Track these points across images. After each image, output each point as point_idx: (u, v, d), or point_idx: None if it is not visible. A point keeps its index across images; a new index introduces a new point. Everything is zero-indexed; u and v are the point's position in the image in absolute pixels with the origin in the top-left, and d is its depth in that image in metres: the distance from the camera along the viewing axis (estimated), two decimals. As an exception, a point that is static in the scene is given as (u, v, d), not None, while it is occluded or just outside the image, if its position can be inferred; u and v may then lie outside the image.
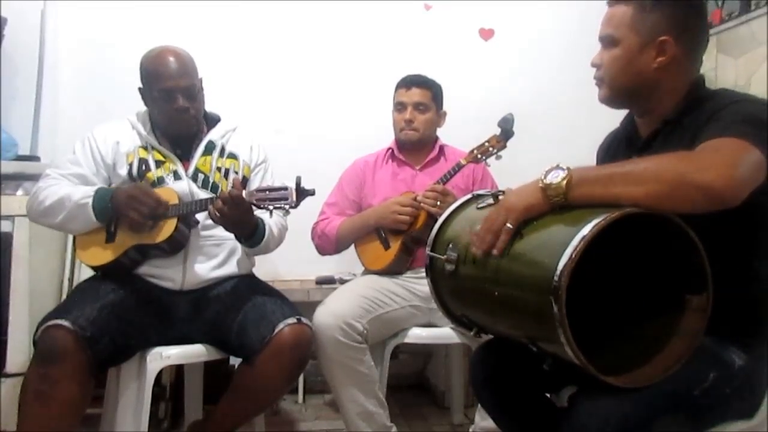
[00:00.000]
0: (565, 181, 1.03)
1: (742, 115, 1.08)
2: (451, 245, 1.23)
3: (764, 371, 1.15)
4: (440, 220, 1.32)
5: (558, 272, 0.93)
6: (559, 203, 1.05)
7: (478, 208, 1.26)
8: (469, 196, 1.35)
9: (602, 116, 1.45)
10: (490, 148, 2.01)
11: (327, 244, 2.20)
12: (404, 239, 2.05)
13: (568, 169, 1.05)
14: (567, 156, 1.31)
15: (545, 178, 1.06)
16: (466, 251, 1.17)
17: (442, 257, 1.24)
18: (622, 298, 1.18)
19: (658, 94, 1.23)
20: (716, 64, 2.54)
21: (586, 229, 0.94)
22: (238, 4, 2.68)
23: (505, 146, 2.00)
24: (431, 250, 1.30)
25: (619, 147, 1.38)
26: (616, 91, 1.27)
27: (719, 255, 1.02)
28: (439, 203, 1.94)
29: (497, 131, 2.01)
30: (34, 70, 2.46)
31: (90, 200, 1.69)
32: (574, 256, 0.93)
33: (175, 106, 1.77)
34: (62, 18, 2.55)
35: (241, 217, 1.67)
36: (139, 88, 1.84)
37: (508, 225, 1.08)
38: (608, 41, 1.25)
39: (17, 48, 2.41)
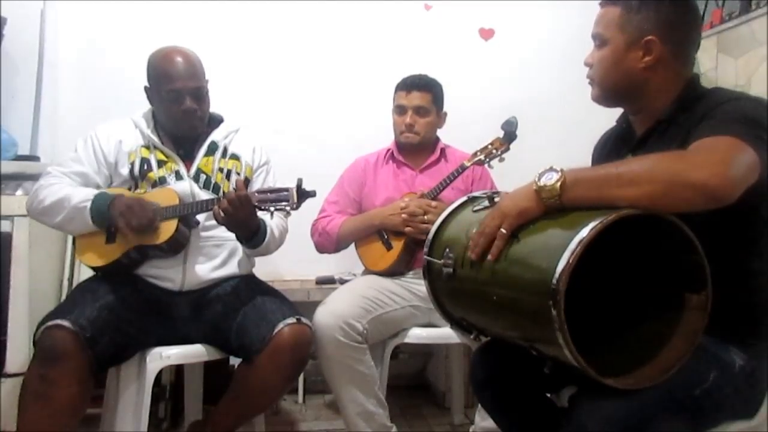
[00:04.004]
0: (559, 183, 1.03)
1: (736, 113, 1.08)
2: (448, 249, 1.23)
3: (765, 371, 1.15)
4: (436, 223, 1.32)
5: (556, 276, 0.93)
6: (554, 205, 1.05)
7: (473, 211, 1.26)
8: (464, 198, 1.35)
9: (602, 116, 1.46)
10: (494, 151, 2.01)
11: (327, 242, 2.20)
12: (407, 240, 2.05)
13: (562, 170, 1.05)
14: (567, 156, 1.31)
15: (539, 180, 1.06)
16: (464, 255, 1.17)
17: (440, 261, 1.23)
18: (621, 298, 1.18)
19: (648, 93, 1.24)
20: (716, 63, 2.54)
21: (584, 233, 0.94)
22: (238, 5, 2.68)
23: (508, 149, 2.00)
24: (428, 255, 1.30)
25: (614, 145, 1.38)
26: (606, 91, 1.28)
27: (717, 255, 1.02)
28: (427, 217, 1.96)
29: (498, 132, 2.01)
30: (34, 70, 2.46)
31: (88, 204, 1.69)
32: (571, 261, 0.93)
33: (182, 108, 1.77)
34: (62, 18, 2.55)
35: (245, 217, 1.67)
36: (145, 87, 1.84)
37: (503, 230, 1.08)
38: (598, 41, 1.27)
39: (17, 48, 2.41)
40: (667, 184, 0.97)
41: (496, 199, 1.21)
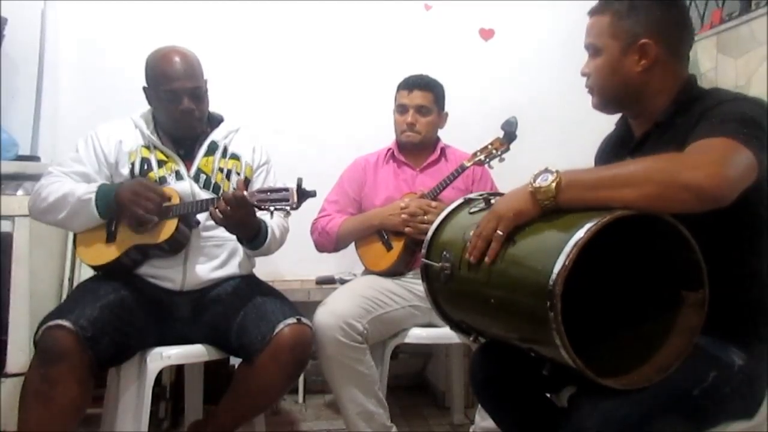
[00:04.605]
0: (554, 184, 1.03)
1: (732, 114, 1.08)
2: (445, 252, 1.23)
3: (764, 371, 1.15)
4: (433, 226, 1.32)
5: (552, 278, 0.93)
6: (549, 207, 1.05)
7: (470, 213, 1.26)
8: (460, 200, 1.35)
9: (602, 117, 1.45)
10: (494, 151, 2.01)
11: (327, 241, 2.20)
12: (407, 240, 2.05)
13: (557, 172, 1.05)
14: (567, 156, 1.31)
15: (534, 181, 1.06)
16: (461, 257, 1.17)
17: (437, 265, 1.24)
18: (619, 298, 1.18)
19: (648, 95, 1.24)
20: (716, 64, 2.53)
21: (579, 234, 0.94)
22: (239, 5, 2.68)
23: (508, 149, 2.01)
24: (426, 258, 1.30)
25: (613, 149, 1.39)
26: (606, 99, 1.28)
27: (715, 254, 1.02)
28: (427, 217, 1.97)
29: (498, 132, 2.01)
30: (34, 70, 2.45)
31: (93, 196, 1.69)
32: (567, 263, 0.93)
33: (180, 108, 1.77)
34: (62, 18, 2.55)
35: (244, 218, 1.66)
36: (144, 88, 1.84)
37: (499, 232, 1.08)
38: (592, 50, 1.27)
39: (17, 48, 2.41)
40: (663, 186, 0.97)
41: (492, 201, 1.21)
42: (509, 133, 1.99)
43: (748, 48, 2.38)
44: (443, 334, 1.99)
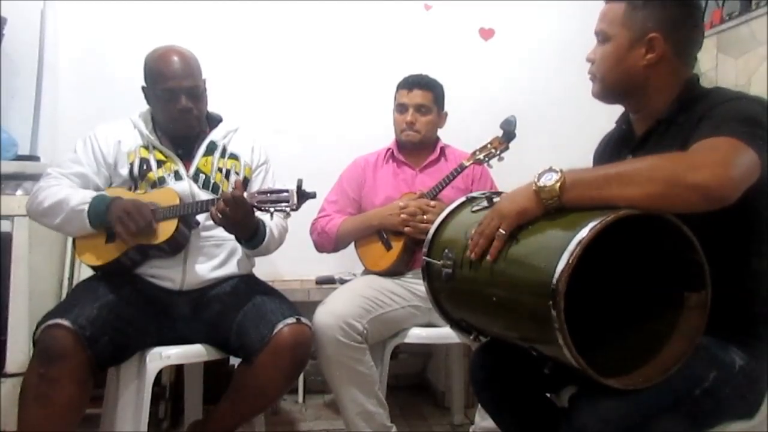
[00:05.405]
0: (558, 184, 1.03)
1: (736, 113, 1.08)
2: (447, 250, 1.23)
3: (764, 371, 1.15)
4: (435, 224, 1.32)
5: (556, 276, 0.93)
6: (553, 206, 1.05)
7: (472, 212, 1.26)
8: (462, 199, 1.35)
9: (602, 117, 1.46)
10: (493, 150, 2.02)
11: (326, 241, 2.20)
12: (406, 240, 2.04)
13: (561, 171, 1.04)
14: (567, 155, 1.31)
15: (538, 180, 1.05)
16: (463, 255, 1.17)
17: (439, 262, 1.23)
18: (621, 298, 1.18)
19: (649, 91, 1.24)
20: (716, 63, 2.54)
21: (583, 233, 0.94)
22: (238, 5, 2.68)
23: (507, 148, 2.01)
24: (427, 255, 1.30)
25: (614, 147, 1.38)
26: (607, 87, 1.28)
27: (716, 254, 1.02)
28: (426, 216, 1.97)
29: (498, 132, 2.01)
30: (34, 70, 2.45)
31: (86, 207, 1.69)
32: (571, 261, 0.93)
33: (178, 107, 1.77)
34: (62, 18, 2.55)
35: (243, 218, 1.66)
36: (143, 87, 1.84)
37: (501, 231, 1.08)
38: (601, 37, 1.27)
39: (17, 48, 2.40)
40: (667, 185, 0.97)
41: (495, 200, 1.21)
42: (508, 132, 1.99)
43: (748, 48, 2.38)
44: (443, 333, 1.99)
